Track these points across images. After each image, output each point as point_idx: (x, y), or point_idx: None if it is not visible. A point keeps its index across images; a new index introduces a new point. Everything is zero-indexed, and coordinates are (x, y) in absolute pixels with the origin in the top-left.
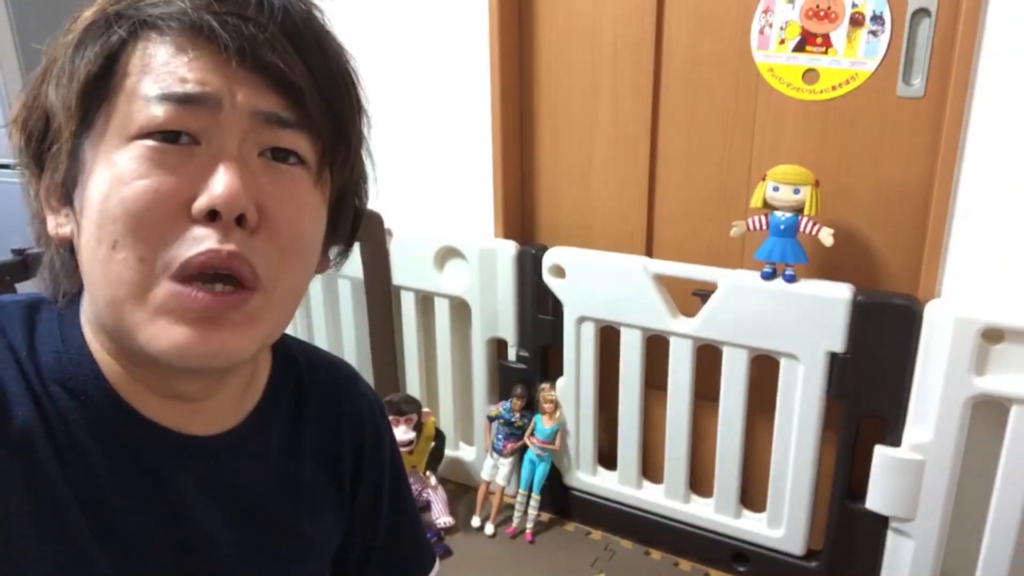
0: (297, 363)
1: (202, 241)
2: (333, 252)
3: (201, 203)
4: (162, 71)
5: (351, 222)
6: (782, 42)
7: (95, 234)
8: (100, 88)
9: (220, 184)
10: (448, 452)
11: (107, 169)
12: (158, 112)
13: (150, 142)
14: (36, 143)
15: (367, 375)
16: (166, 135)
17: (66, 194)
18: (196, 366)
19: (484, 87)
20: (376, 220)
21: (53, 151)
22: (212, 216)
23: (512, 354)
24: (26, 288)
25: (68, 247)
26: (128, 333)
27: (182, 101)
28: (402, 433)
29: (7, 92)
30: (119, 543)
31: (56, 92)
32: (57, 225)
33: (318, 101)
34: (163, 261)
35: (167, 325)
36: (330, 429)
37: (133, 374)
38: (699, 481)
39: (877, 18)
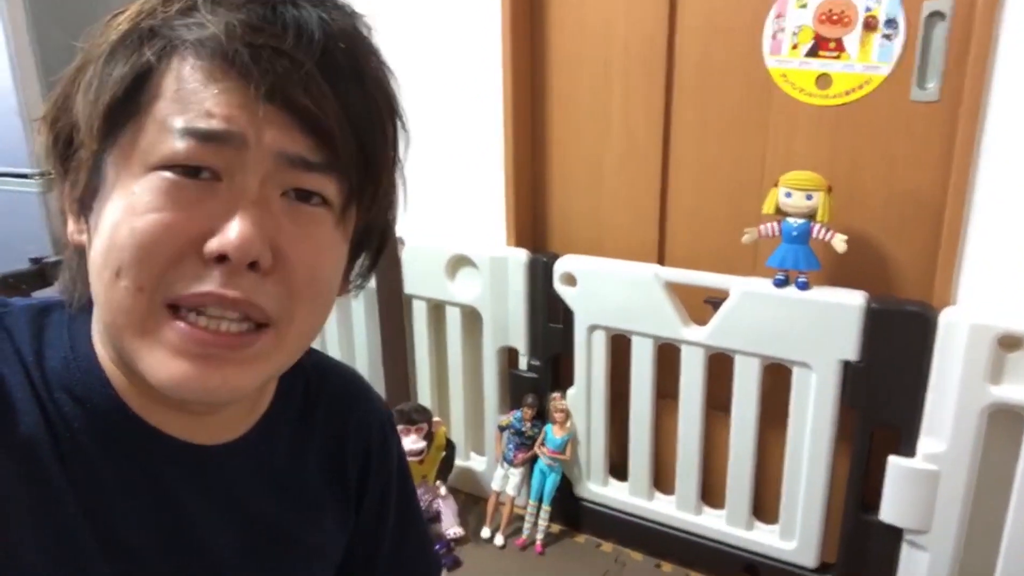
0: (305, 371)
1: (205, 281)
2: (353, 273)
3: (212, 246)
4: (190, 100)
5: (375, 249)
6: (795, 47)
7: (102, 256)
8: (127, 108)
9: (234, 230)
10: (458, 462)
11: (124, 197)
12: (180, 146)
13: (169, 174)
14: (63, 146)
15: (378, 384)
16: (186, 169)
17: (83, 208)
18: (194, 400)
19: (496, 95)
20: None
21: (75, 161)
22: (222, 258)
23: (523, 363)
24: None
25: (84, 252)
26: (129, 358)
27: (206, 138)
28: (412, 443)
29: (25, 97)
30: (122, 550)
31: (83, 104)
32: (75, 231)
33: (349, 143)
34: (163, 293)
35: (166, 357)
36: (336, 438)
37: (139, 385)
38: (711, 492)
39: (891, 22)
